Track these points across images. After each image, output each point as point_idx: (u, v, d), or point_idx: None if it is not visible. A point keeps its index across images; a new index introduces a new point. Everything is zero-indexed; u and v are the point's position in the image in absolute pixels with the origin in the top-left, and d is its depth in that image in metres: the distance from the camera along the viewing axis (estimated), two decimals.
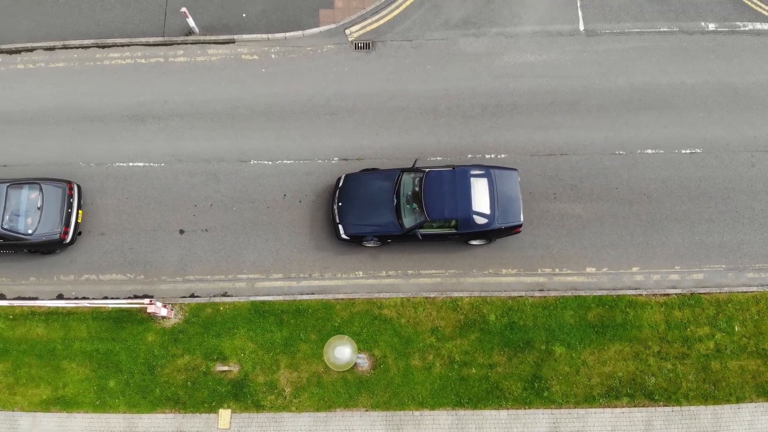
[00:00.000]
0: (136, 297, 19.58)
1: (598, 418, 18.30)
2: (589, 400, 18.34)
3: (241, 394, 18.52)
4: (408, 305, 19.07)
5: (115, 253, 19.87)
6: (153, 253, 19.83)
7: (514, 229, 18.86)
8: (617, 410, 18.37)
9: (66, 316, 19.34)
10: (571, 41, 21.44)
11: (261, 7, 21.95)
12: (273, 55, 21.59)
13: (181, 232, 19.98)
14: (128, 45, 21.84)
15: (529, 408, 18.34)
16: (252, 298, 19.31)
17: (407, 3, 21.97)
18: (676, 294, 19.19)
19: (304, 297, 19.29)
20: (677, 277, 19.47)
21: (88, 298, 19.59)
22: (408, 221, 18.75)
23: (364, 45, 21.60)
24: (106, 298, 19.58)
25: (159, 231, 20.01)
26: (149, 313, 19.05)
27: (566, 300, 19.04)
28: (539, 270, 19.41)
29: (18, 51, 22.12)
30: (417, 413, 18.30)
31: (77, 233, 19.88)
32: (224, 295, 19.47)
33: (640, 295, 19.17)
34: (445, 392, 18.39)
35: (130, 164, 20.68)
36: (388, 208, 18.94)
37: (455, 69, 21.18)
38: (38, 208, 19.40)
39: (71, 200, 19.76)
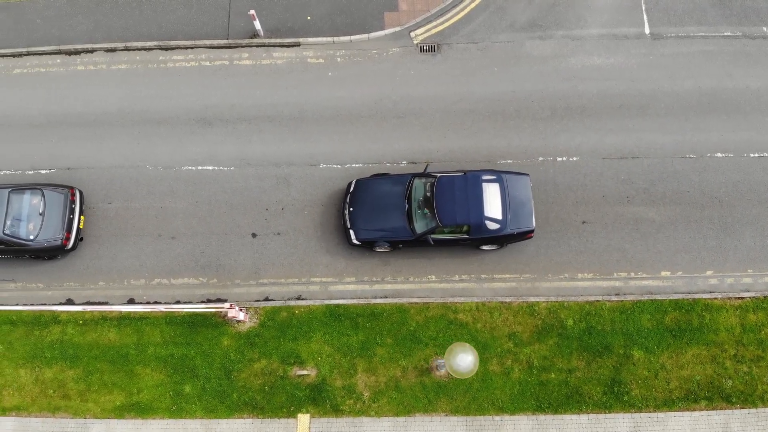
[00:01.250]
0: (209, 301, 19.43)
1: (677, 422, 18.25)
2: (668, 403, 18.29)
3: (319, 399, 18.39)
4: (484, 310, 18.98)
5: (187, 257, 19.72)
6: (225, 257, 19.68)
7: (526, 235, 18.77)
8: (696, 413, 18.33)
9: (138, 321, 19.18)
10: (637, 44, 21.43)
11: (326, 9, 21.86)
12: (338, 59, 21.49)
13: (254, 235, 19.83)
14: (192, 47, 21.72)
15: (609, 412, 18.27)
16: (327, 302, 19.19)
17: (472, 6, 21.93)
18: (750, 297, 19.18)
19: (378, 301, 19.19)
20: (750, 280, 19.45)
21: (160, 303, 19.43)
22: (419, 226, 18.67)
23: (430, 48, 21.53)
24: (178, 302, 19.43)
25: (231, 234, 19.86)
26: (225, 317, 18.99)
27: (643, 304, 18.99)
28: (615, 274, 19.35)
29: (77, 52, 21.97)
30: (497, 418, 18.21)
31: (79, 239, 19.77)
32: (298, 298, 19.35)
33: (715, 298, 19.14)
34: (524, 397, 18.31)
35: (199, 168, 20.53)
36: (400, 214, 18.88)
37: (522, 71, 21.15)
38: (40, 214, 19.29)
39: (73, 206, 19.64)
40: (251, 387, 18.55)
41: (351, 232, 19.15)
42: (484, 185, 18.60)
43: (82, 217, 19.89)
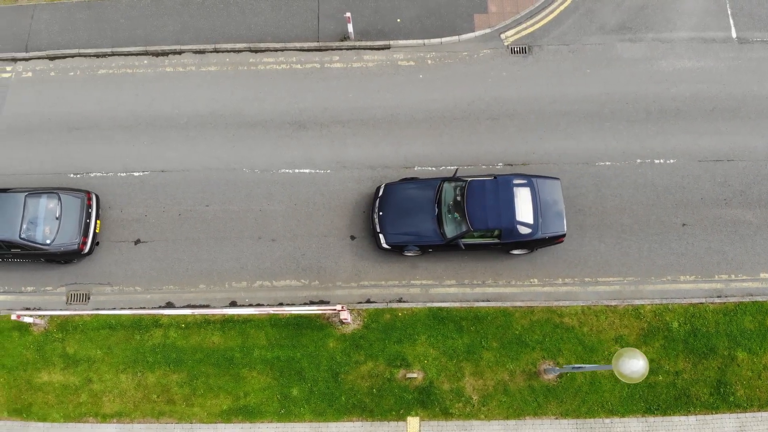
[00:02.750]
0: (312, 303, 19.34)
1: None
2: None
3: (428, 402, 18.34)
4: (589, 313, 19.01)
5: (287, 259, 19.61)
6: (326, 259, 19.60)
7: (557, 239, 18.78)
8: None
9: (242, 324, 19.07)
10: (725, 48, 21.55)
11: (415, 12, 21.83)
12: (429, 61, 21.47)
13: (353, 237, 19.77)
14: (282, 50, 21.64)
15: (716, 413, 18.35)
16: (429, 304, 19.16)
17: (561, 8, 21.98)
18: None
19: (481, 304, 19.17)
20: None
21: (262, 305, 19.32)
22: (450, 231, 18.63)
23: (521, 49, 21.56)
24: (281, 304, 19.33)
25: (330, 237, 19.79)
26: (329, 320, 18.93)
27: (745, 306, 19.07)
28: (716, 276, 19.42)
29: (165, 53, 21.84)
30: (607, 420, 18.23)
31: (95, 243, 19.68)
32: (400, 300, 19.29)
33: None
34: (633, 399, 18.34)
35: (296, 171, 20.43)
36: (430, 218, 18.85)
37: (614, 73, 21.21)
38: (56, 218, 19.16)
39: (90, 210, 19.54)
40: (359, 389, 18.48)
41: (380, 236, 19.12)
42: (516, 189, 18.60)
43: (98, 222, 19.77)
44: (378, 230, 19.20)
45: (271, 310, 18.35)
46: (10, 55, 21.96)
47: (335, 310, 17.71)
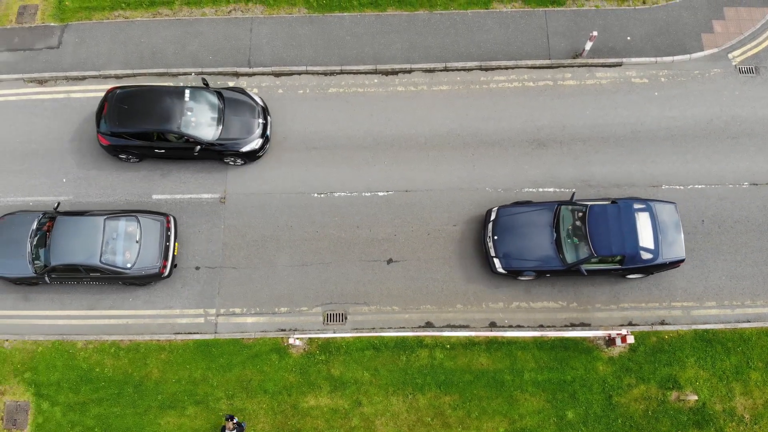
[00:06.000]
0: (572, 325, 19.26)
1: None
2: None
3: (703, 423, 18.28)
4: None
5: (542, 281, 19.51)
6: (582, 280, 19.52)
7: (676, 264, 18.72)
8: None
9: (507, 345, 18.96)
10: None
11: (645, 30, 21.80)
12: (662, 79, 21.44)
13: None
14: (514, 67, 21.53)
15: None
16: (693, 327, 19.13)
17: None
18: None
19: (744, 325, 19.14)
20: None
21: (522, 327, 19.23)
22: (570, 256, 18.53)
23: (749, 69, 21.54)
24: (541, 326, 19.24)
25: None
26: (594, 341, 18.87)
27: None
28: None
29: (395, 72, 21.68)
30: None
31: (173, 266, 19.57)
32: (662, 323, 19.23)
33: None
34: None
35: (539, 190, 20.35)
36: (548, 243, 18.72)
37: None
38: (136, 242, 19.00)
39: (168, 233, 19.44)
40: (634, 412, 18.41)
41: (495, 260, 18.99)
42: (636, 214, 18.56)
43: (176, 244, 19.64)
44: (493, 255, 19.05)
45: (551, 334, 18.27)
46: (232, 70, 21.74)
47: (612, 335, 17.64)
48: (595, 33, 20.39)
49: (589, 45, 20.92)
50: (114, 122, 19.59)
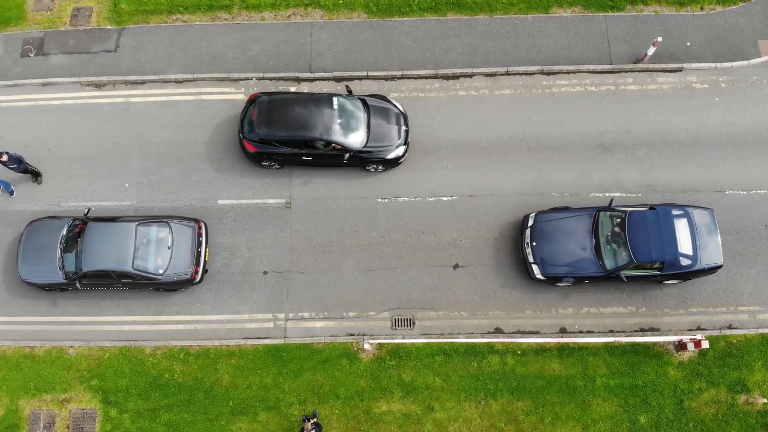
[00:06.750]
0: (642, 330, 19.33)
1: None
2: None
3: None
4: None
5: (611, 286, 19.59)
6: (649, 285, 19.61)
7: (713, 270, 18.84)
8: None
9: (578, 351, 19.02)
10: None
11: (703, 35, 21.88)
12: (722, 84, 21.53)
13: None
14: (575, 72, 21.57)
15: None
16: (760, 331, 19.24)
17: None
18: None
19: None
20: None
21: (592, 332, 19.29)
22: (609, 262, 18.59)
23: None
24: (611, 331, 19.30)
25: None
26: (664, 346, 18.98)
27: None
28: None
29: (456, 76, 21.68)
30: None
31: (204, 272, 19.52)
32: (729, 327, 19.34)
33: None
34: None
35: (606, 195, 20.40)
36: (587, 249, 18.78)
37: None
38: (168, 247, 18.99)
39: (200, 239, 19.43)
40: (704, 416, 18.52)
41: (534, 266, 19.05)
42: (675, 221, 18.66)
43: (207, 250, 19.61)
44: (531, 261, 19.10)
45: (624, 339, 18.35)
46: (294, 75, 21.68)
47: (683, 340, 17.76)
48: (659, 39, 20.42)
49: (652, 50, 20.98)
50: (263, 129, 19.47)
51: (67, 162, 21.12)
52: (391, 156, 20.01)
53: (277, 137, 19.38)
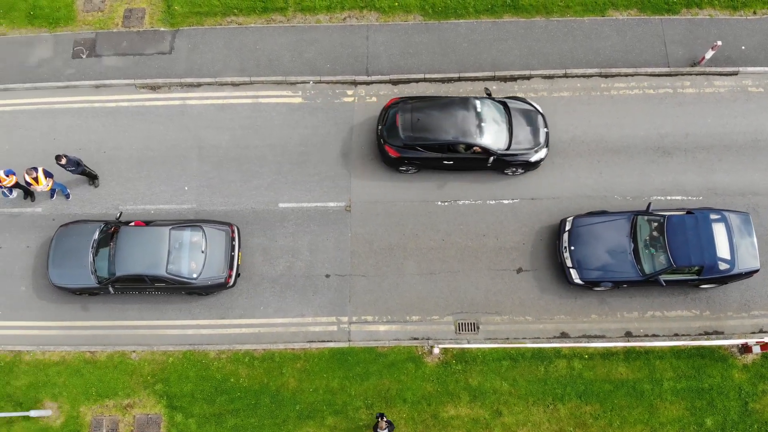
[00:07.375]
0: (706, 333, 19.40)
1: None
2: None
3: None
4: None
5: (676, 289, 19.63)
6: (713, 289, 19.68)
7: (750, 274, 18.90)
8: None
9: (644, 355, 19.06)
10: None
11: (758, 39, 21.87)
12: None
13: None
14: (633, 75, 21.57)
15: None
16: None
17: None
18: None
19: None
20: None
21: (657, 336, 19.34)
22: (648, 267, 18.63)
23: None
24: (676, 335, 19.36)
25: None
26: (728, 349, 19.05)
27: None
28: None
29: (513, 78, 21.65)
30: None
31: (237, 275, 19.50)
32: None
33: None
34: None
35: (668, 198, 20.42)
36: (626, 253, 18.80)
37: None
38: (202, 252, 18.97)
39: (233, 243, 19.41)
40: (766, 418, 18.71)
41: (572, 271, 19.08)
42: (713, 225, 18.70)
43: (239, 253, 19.59)
44: (569, 265, 19.12)
45: (690, 343, 18.45)
46: (350, 78, 21.60)
47: (749, 343, 17.84)
48: (719, 42, 20.48)
49: (710, 53, 21.01)
50: (408, 133, 19.39)
51: (124, 165, 21.01)
52: (534, 159, 19.89)
53: (424, 142, 19.31)
